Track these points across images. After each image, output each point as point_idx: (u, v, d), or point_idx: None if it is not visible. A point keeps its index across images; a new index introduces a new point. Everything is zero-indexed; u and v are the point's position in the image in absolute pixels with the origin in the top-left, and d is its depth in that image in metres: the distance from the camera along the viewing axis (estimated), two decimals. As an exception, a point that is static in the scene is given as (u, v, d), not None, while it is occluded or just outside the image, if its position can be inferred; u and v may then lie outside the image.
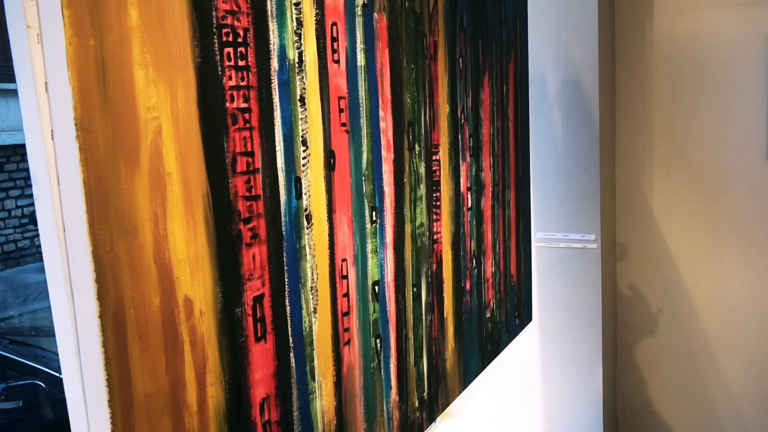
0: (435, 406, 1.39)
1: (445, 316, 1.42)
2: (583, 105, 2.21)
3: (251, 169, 0.82)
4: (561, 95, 2.24)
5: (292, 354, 0.90)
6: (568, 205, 2.28)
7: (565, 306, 2.34)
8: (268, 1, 0.84)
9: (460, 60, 1.46)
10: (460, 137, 1.48)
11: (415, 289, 1.28)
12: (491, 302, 1.71)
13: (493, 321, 1.73)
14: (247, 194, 0.81)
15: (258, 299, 0.83)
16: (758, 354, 2.37)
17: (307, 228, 0.93)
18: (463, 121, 1.49)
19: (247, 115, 0.81)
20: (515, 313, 1.91)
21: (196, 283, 0.73)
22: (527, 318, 2.02)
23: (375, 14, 1.09)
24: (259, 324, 0.83)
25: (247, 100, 0.81)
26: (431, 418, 1.37)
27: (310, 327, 0.94)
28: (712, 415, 2.48)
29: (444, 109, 1.39)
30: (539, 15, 2.20)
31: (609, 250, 2.43)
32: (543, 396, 2.42)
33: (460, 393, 1.53)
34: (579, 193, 2.26)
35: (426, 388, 1.34)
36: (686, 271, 2.45)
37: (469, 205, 1.54)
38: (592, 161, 2.22)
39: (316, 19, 0.94)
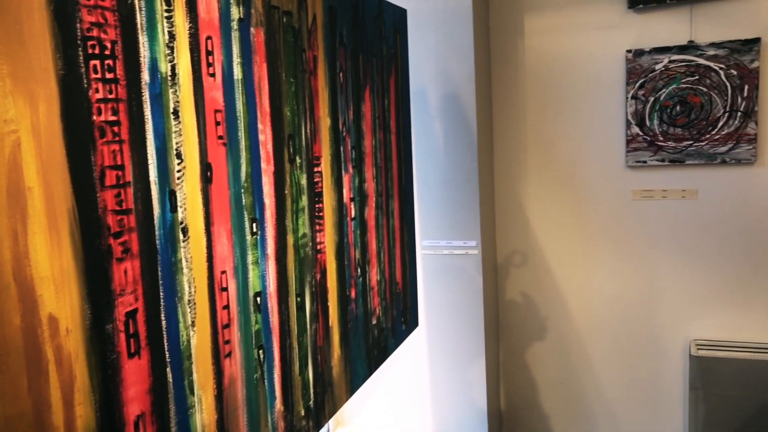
0: (322, 414, 1.41)
1: (330, 324, 1.45)
2: (462, 118, 2.33)
3: (121, 182, 0.81)
4: (441, 109, 2.34)
5: (168, 369, 0.89)
6: (451, 214, 2.39)
7: (450, 310, 2.44)
8: (138, 14, 0.84)
9: (341, 74, 1.50)
10: (342, 149, 1.51)
11: (299, 298, 1.29)
12: (377, 309, 1.76)
13: (379, 327, 1.78)
14: (118, 208, 0.80)
15: (131, 314, 0.82)
16: (622, 347, 2.59)
17: (184, 241, 0.93)
18: (344, 133, 1.53)
19: (116, 128, 0.80)
20: (401, 319, 1.97)
21: (61, 300, 0.71)
22: (414, 323, 2.09)
23: (252, 29, 1.11)
24: (132, 340, 0.82)
25: (116, 113, 0.80)
26: (318, 426, 1.39)
27: (188, 340, 0.93)
28: (585, 405, 2.67)
29: (325, 122, 1.42)
30: (419, 32, 2.30)
31: (489, 255, 2.56)
32: (432, 398, 2.51)
33: (347, 400, 1.56)
34: (460, 202, 2.37)
35: (312, 397, 1.36)
36: (559, 273, 2.63)
37: (353, 215, 1.58)
38: (472, 171, 2.34)
39: (190, 33, 0.94)
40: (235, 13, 1.06)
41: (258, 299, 1.13)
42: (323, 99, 1.41)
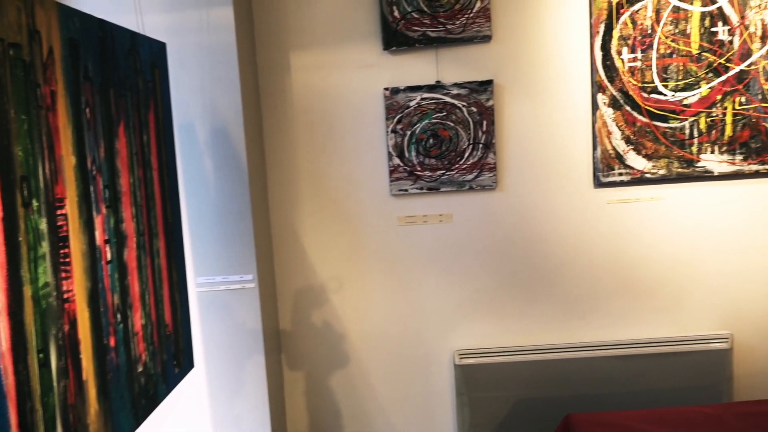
0: (77, 478, 1.29)
1: (84, 378, 1.34)
2: (232, 152, 2.32)
3: None
4: (210, 143, 2.32)
5: None
6: (225, 249, 2.36)
7: (230, 347, 2.40)
8: None
9: (87, 110, 1.42)
10: (92, 189, 1.42)
11: (41, 355, 1.18)
12: (143, 355, 1.67)
13: (146, 374, 1.68)
14: None
15: None
16: (398, 364, 2.75)
17: None
18: (94, 172, 1.44)
19: None
20: (173, 362, 1.88)
21: None
22: (188, 365, 2.01)
23: (-33, 62, 1.00)
24: None
25: None
26: (73, 493, 1.26)
27: None
28: (369, 425, 2.78)
29: (69, 161, 1.32)
30: (181, 66, 2.26)
31: (267, 287, 2.57)
32: (215, 440, 2.43)
33: (109, 457, 1.44)
34: (235, 236, 2.35)
35: (63, 461, 1.24)
36: (337, 299, 2.73)
37: (109, 258, 1.49)
38: (244, 205, 2.34)
39: None
40: (-57, 44, 0.95)
41: (-15, 361, 1.01)
42: (66, 136, 1.32)
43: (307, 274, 2.72)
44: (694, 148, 2.56)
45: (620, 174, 2.59)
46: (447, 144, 2.59)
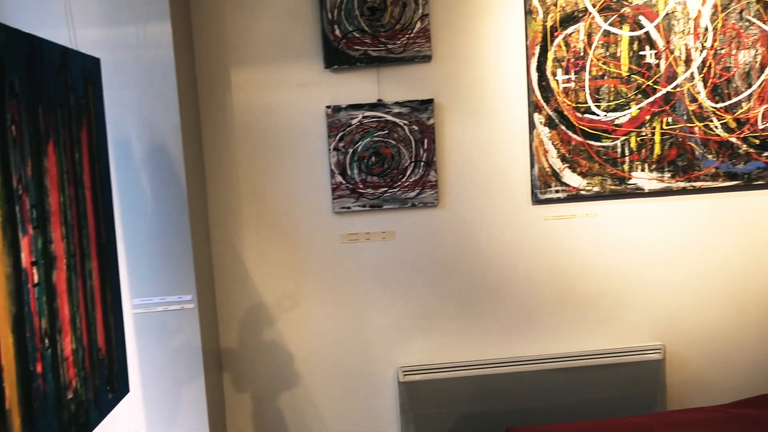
0: None
1: (7, 407, 1.28)
2: (171, 170, 2.28)
3: None
4: (147, 161, 2.27)
5: None
6: (163, 269, 2.30)
7: (168, 369, 2.33)
8: None
9: (13, 127, 1.37)
10: (18, 209, 1.37)
11: (-41, 384, 1.12)
12: (74, 381, 1.60)
13: (77, 401, 1.62)
14: None
15: None
16: (343, 382, 2.74)
17: None
18: (21, 191, 1.39)
19: None
20: (107, 387, 1.82)
21: None
22: (123, 390, 1.94)
23: None
24: None
25: None
26: None
27: None
28: (312, 446, 2.75)
29: (-8, 180, 1.27)
30: (117, 82, 2.21)
31: (208, 308, 2.51)
32: (152, 467, 2.35)
33: (35, 490, 1.38)
34: (173, 256, 2.30)
35: (-17, 496, 1.17)
36: (281, 318, 2.70)
37: (36, 281, 1.43)
38: (183, 224, 2.29)
39: None
40: None
41: None
42: (-11, 155, 1.26)
43: (249, 293, 2.68)
44: (626, 166, 2.67)
45: (557, 191, 2.67)
46: (389, 162, 2.61)
